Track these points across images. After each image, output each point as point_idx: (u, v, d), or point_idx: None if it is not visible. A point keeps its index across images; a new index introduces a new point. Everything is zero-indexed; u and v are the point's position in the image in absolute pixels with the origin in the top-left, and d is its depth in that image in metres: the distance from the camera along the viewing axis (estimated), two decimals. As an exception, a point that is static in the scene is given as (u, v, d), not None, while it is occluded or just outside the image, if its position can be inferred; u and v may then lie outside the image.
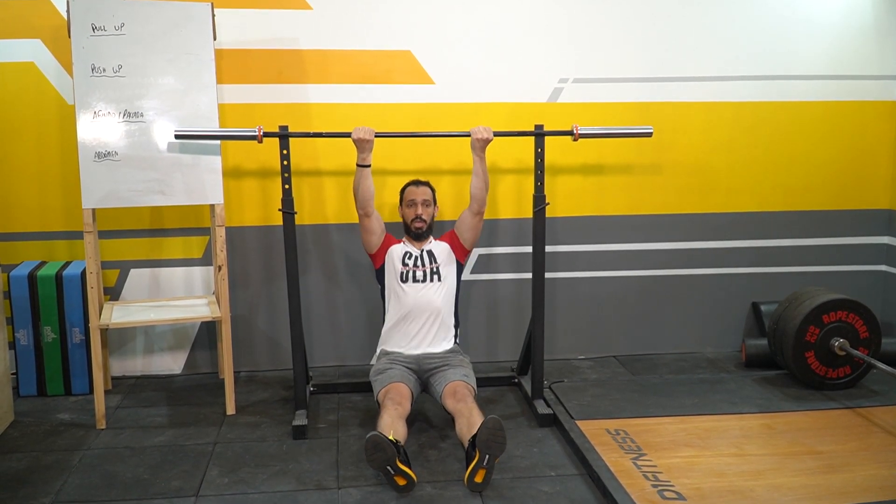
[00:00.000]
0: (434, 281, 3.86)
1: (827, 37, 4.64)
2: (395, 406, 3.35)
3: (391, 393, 3.46)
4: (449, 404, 3.43)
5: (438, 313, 3.83)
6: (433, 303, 3.82)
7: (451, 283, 3.92)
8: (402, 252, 3.91)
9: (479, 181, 3.82)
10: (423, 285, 3.84)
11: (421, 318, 3.81)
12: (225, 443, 3.56)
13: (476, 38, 4.39)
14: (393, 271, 3.88)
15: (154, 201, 3.79)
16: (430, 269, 3.87)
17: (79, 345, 4.10)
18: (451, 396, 3.45)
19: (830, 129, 4.74)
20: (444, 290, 3.87)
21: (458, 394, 3.44)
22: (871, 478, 3.13)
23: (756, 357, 4.52)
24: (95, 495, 3.07)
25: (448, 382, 3.54)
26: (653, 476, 3.14)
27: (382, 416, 3.30)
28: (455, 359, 3.76)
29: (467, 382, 3.54)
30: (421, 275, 3.85)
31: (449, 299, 3.89)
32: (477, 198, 3.85)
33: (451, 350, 3.84)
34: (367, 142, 3.67)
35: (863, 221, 4.87)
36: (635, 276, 4.73)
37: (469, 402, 3.39)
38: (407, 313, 3.82)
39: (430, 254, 3.91)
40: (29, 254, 4.26)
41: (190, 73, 3.78)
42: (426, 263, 3.88)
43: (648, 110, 4.53)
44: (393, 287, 3.88)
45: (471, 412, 3.30)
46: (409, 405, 3.44)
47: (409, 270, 3.86)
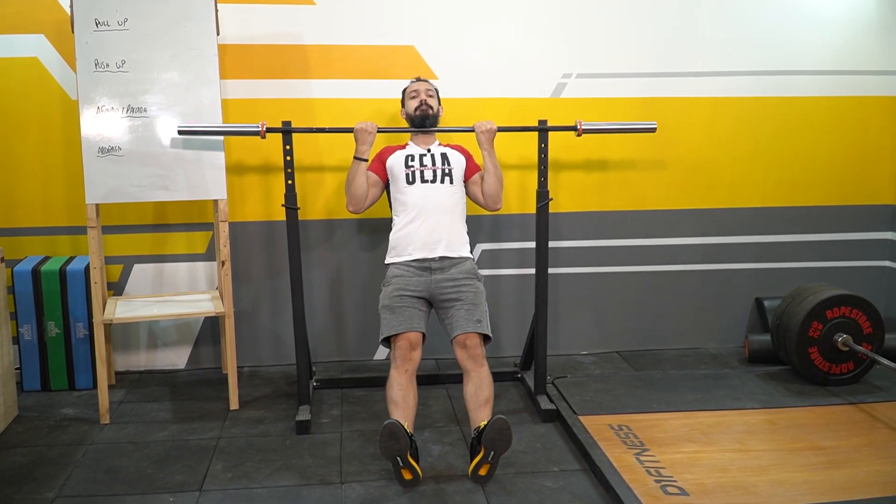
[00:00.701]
0: (445, 182, 3.65)
1: (830, 32, 4.63)
2: (406, 366, 3.28)
3: (401, 344, 3.33)
4: (461, 355, 3.35)
5: (451, 210, 3.62)
6: (445, 200, 3.61)
7: (463, 194, 3.73)
8: (404, 156, 3.70)
9: (491, 177, 3.71)
10: (434, 185, 3.63)
11: (431, 214, 3.58)
12: (228, 438, 3.57)
13: (479, 33, 4.38)
14: (398, 180, 3.67)
15: (157, 197, 3.79)
16: (442, 171, 3.66)
17: (82, 340, 4.11)
18: (462, 348, 3.35)
19: (834, 125, 4.73)
20: (458, 195, 3.68)
21: (469, 349, 3.34)
22: (874, 473, 3.12)
23: (759, 353, 4.51)
24: (99, 490, 3.08)
25: (460, 330, 3.39)
26: (656, 471, 3.14)
27: (391, 383, 3.25)
28: (470, 289, 3.53)
29: (479, 332, 3.40)
30: (430, 175, 3.64)
31: (462, 205, 3.70)
32: (492, 195, 3.73)
33: (466, 270, 3.58)
34: (368, 134, 3.64)
35: (866, 217, 4.86)
36: (638, 272, 4.73)
37: (479, 362, 3.32)
38: (415, 211, 3.59)
39: (444, 157, 3.72)
40: (33, 249, 4.27)
41: (193, 69, 3.78)
42: (437, 163, 3.68)
43: (652, 106, 4.52)
44: (399, 192, 3.67)
45: (480, 382, 3.27)
46: (419, 354, 3.34)
47: (414, 171, 3.64)
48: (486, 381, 3.30)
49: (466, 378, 3.33)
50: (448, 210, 3.63)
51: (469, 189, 3.80)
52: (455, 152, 3.80)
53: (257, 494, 3.04)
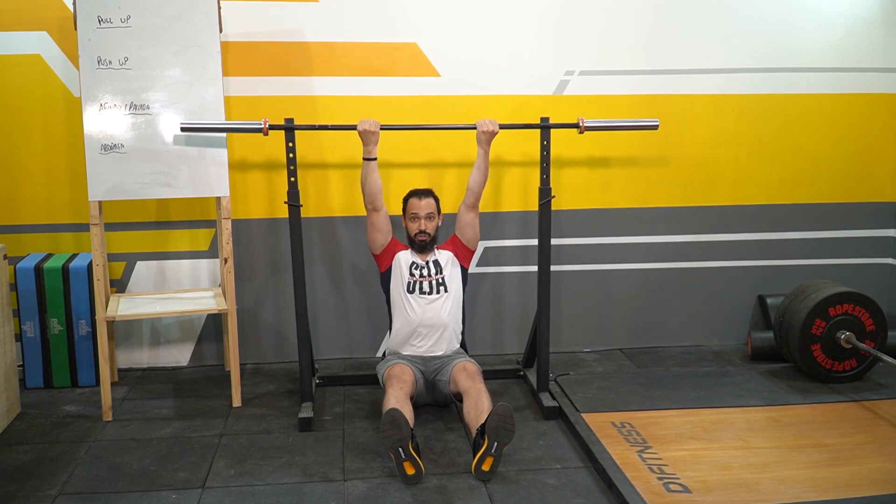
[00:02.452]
0: (440, 293, 3.85)
1: (833, 29, 4.62)
2: (401, 385, 3.45)
3: (395, 373, 3.55)
4: (461, 378, 3.53)
5: (446, 327, 3.84)
6: (441, 318, 3.83)
7: (458, 291, 3.92)
8: (410, 261, 3.90)
9: (479, 174, 3.80)
10: (430, 299, 3.83)
11: (428, 332, 3.82)
12: (231, 435, 3.57)
13: (482, 31, 4.38)
14: (400, 280, 3.87)
15: (160, 194, 3.79)
16: (437, 281, 3.86)
17: (85, 337, 4.11)
18: (462, 372, 3.56)
19: (837, 122, 4.72)
20: (451, 302, 3.87)
21: (468, 370, 3.56)
22: (877, 471, 3.12)
23: (762, 350, 4.51)
24: (102, 487, 3.08)
25: (457, 363, 3.66)
26: (658, 469, 3.14)
27: (388, 396, 3.35)
28: (459, 355, 3.82)
29: (475, 364, 3.67)
30: (427, 286, 3.84)
31: (456, 309, 3.90)
32: (474, 191, 3.83)
33: (455, 351, 3.89)
34: (372, 134, 3.66)
35: (869, 214, 4.86)
36: (641, 269, 4.73)
37: (478, 381, 3.49)
38: (414, 329, 3.82)
39: (436, 264, 3.91)
40: (35, 246, 4.27)
41: (196, 66, 3.78)
42: (432, 274, 3.87)
43: (654, 103, 4.52)
44: (399, 297, 3.87)
45: (479, 395, 3.37)
46: (412, 388, 3.53)
47: (416, 281, 3.85)
48: (485, 395, 3.40)
49: (466, 397, 3.43)
50: (444, 326, 3.84)
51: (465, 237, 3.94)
52: (443, 253, 3.98)
53: (260, 491, 3.04)
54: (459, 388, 3.51)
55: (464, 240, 3.93)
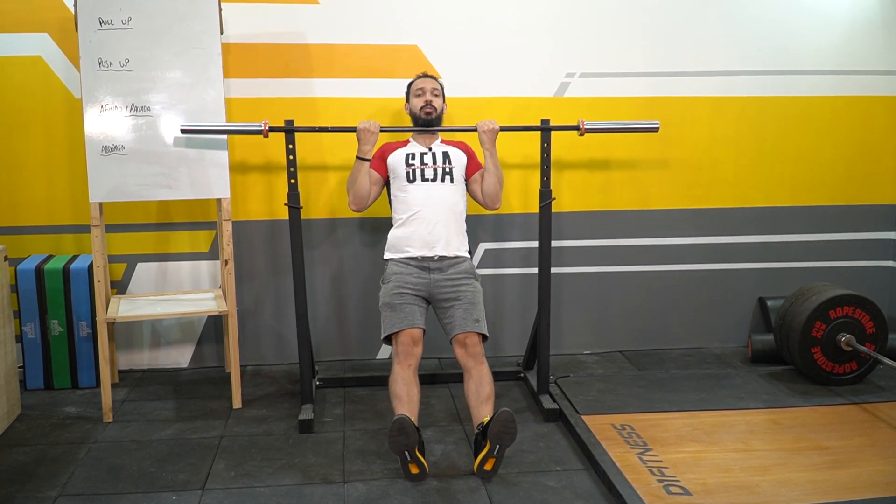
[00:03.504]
0: (446, 181, 3.68)
1: (834, 31, 4.62)
2: (409, 361, 3.33)
3: (402, 340, 3.37)
4: (460, 354, 3.40)
5: (450, 210, 3.64)
6: (445, 200, 3.63)
7: (464, 192, 3.77)
8: (405, 154, 3.73)
9: (492, 177, 3.73)
10: (434, 184, 3.66)
11: (431, 213, 3.60)
12: (231, 436, 3.57)
13: (483, 33, 4.38)
14: (399, 178, 3.70)
15: (161, 195, 3.79)
16: (443, 169, 3.69)
17: (86, 338, 4.11)
18: (462, 346, 3.40)
19: (837, 125, 4.73)
20: (458, 195, 3.71)
21: (469, 347, 3.40)
22: (877, 473, 3.12)
23: (762, 352, 4.51)
24: (102, 488, 3.08)
25: (459, 330, 3.43)
26: (658, 471, 3.14)
27: (395, 378, 3.29)
28: (468, 289, 3.55)
29: (478, 331, 3.44)
30: (431, 173, 3.67)
31: (462, 204, 3.73)
32: (491, 195, 3.75)
33: (464, 270, 3.60)
34: (371, 134, 3.64)
35: (870, 217, 4.86)
36: (641, 272, 4.73)
37: (479, 360, 3.37)
38: (415, 210, 3.62)
39: (445, 155, 3.74)
40: (36, 247, 4.28)
41: (197, 67, 3.78)
42: (438, 162, 3.71)
43: (655, 105, 4.52)
44: (399, 190, 3.69)
45: (480, 379, 3.31)
46: (420, 349, 3.39)
47: (415, 169, 3.67)
48: (487, 378, 3.33)
49: (467, 377, 3.36)
50: (448, 209, 3.65)
51: (469, 187, 3.83)
52: (456, 150, 3.82)
53: (260, 493, 3.04)
54: (459, 362, 3.40)
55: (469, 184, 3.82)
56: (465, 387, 3.34)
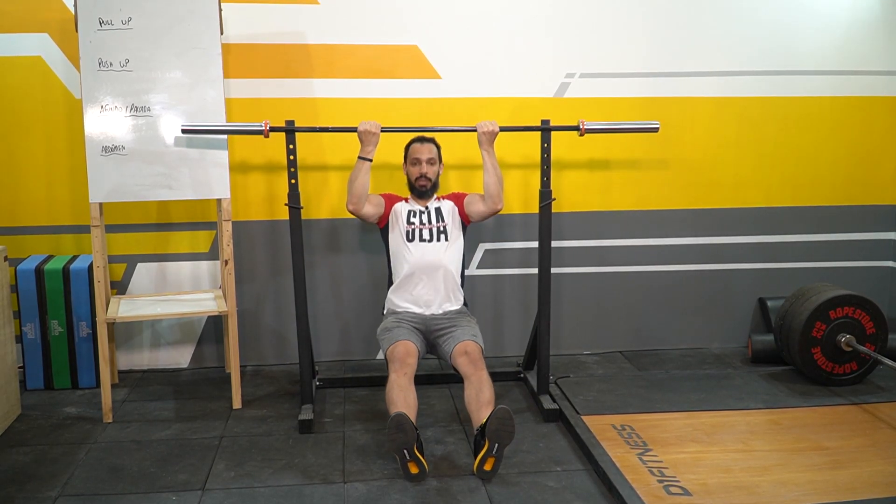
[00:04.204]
0: (441, 240, 3.80)
1: (834, 32, 4.62)
2: (404, 369, 3.37)
3: (397, 351, 3.46)
4: (461, 363, 3.46)
5: (446, 272, 3.76)
6: (441, 261, 3.75)
7: (459, 244, 3.86)
8: (407, 210, 3.85)
9: (491, 177, 3.77)
10: (430, 245, 3.78)
11: (428, 278, 3.75)
12: (231, 437, 3.57)
13: (483, 33, 4.38)
14: (398, 231, 3.82)
15: (161, 196, 3.79)
16: (438, 228, 3.82)
17: (86, 338, 4.11)
18: (463, 355, 3.47)
19: (838, 125, 4.73)
20: (452, 250, 3.81)
21: (469, 354, 3.47)
22: (877, 474, 3.12)
23: (762, 353, 4.51)
24: (102, 488, 3.08)
25: (458, 342, 3.54)
26: (658, 471, 3.14)
27: (391, 383, 3.32)
28: (462, 319, 3.73)
29: (477, 342, 3.56)
30: (427, 234, 3.80)
31: (457, 259, 3.84)
32: (493, 194, 3.78)
33: (458, 311, 3.80)
34: (372, 135, 3.66)
35: (870, 217, 4.86)
36: (641, 272, 4.73)
37: (480, 367, 3.42)
38: (413, 273, 3.75)
39: (438, 211, 3.86)
40: (36, 247, 4.28)
41: (197, 68, 3.78)
42: (433, 221, 3.83)
43: (655, 105, 4.52)
44: (398, 247, 3.81)
45: (480, 384, 3.34)
46: (415, 362, 3.46)
47: (414, 229, 3.80)
48: (487, 384, 3.35)
49: (467, 383, 3.39)
50: (444, 269, 3.78)
51: (470, 209, 3.90)
52: (446, 203, 3.94)
53: (260, 493, 3.04)
54: (460, 371, 3.46)
55: (467, 211, 3.90)
56: (466, 393, 3.37)
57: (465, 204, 3.91)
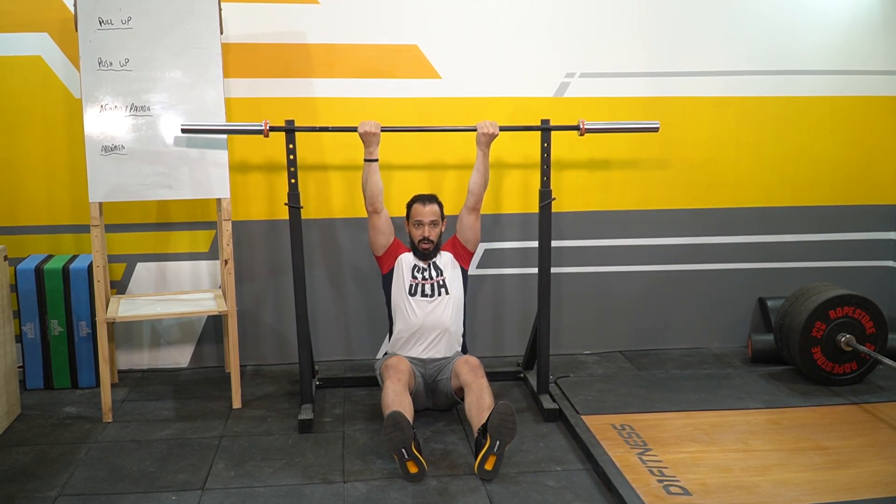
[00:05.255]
0: (441, 295, 3.85)
1: (834, 31, 4.62)
2: (399, 375, 3.45)
3: (392, 363, 3.56)
4: (462, 371, 3.52)
5: (447, 331, 3.83)
6: (442, 321, 3.81)
7: (458, 293, 3.91)
8: (412, 264, 3.90)
9: (479, 176, 3.80)
10: (431, 301, 3.83)
11: (430, 335, 3.81)
12: (231, 436, 3.57)
13: (483, 33, 4.38)
14: (402, 282, 3.87)
15: (161, 195, 3.79)
16: (437, 283, 3.86)
17: (85, 338, 4.11)
18: (465, 365, 3.55)
19: (838, 125, 4.73)
20: (452, 304, 3.86)
21: (470, 363, 3.56)
22: (877, 473, 3.12)
23: (762, 352, 4.51)
24: (102, 488, 3.08)
25: (459, 357, 3.69)
26: (658, 471, 3.13)
27: (386, 388, 3.37)
28: (458, 356, 3.80)
29: (477, 359, 3.65)
30: (429, 289, 3.84)
31: (457, 312, 3.90)
32: (475, 193, 3.83)
33: (456, 353, 3.88)
34: (373, 135, 3.67)
35: (870, 217, 4.86)
36: (641, 272, 4.73)
37: (480, 375, 3.48)
38: (415, 331, 3.81)
39: (435, 266, 3.91)
40: (36, 247, 4.28)
41: (197, 67, 3.78)
42: (433, 276, 3.87)
43: (655, 105, 4.52)
44: (401, 300, 3.86)
45: (481, 391, 3.38)
46: (410, 378, 3.55)
47: (418, 284, 3.85)
48: (487, 391, 3.40)
49: (468, 391, 3.44)
50: (444, 328, 3.82)
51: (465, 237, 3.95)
52: (443, 255, 3.97)
53: (260, 493, 3.04)
54: (461, 381, 3.50)
55: (463, 240, 3.94)
56: (466, 401, 3.41)
57: (462, 242, 3.95)
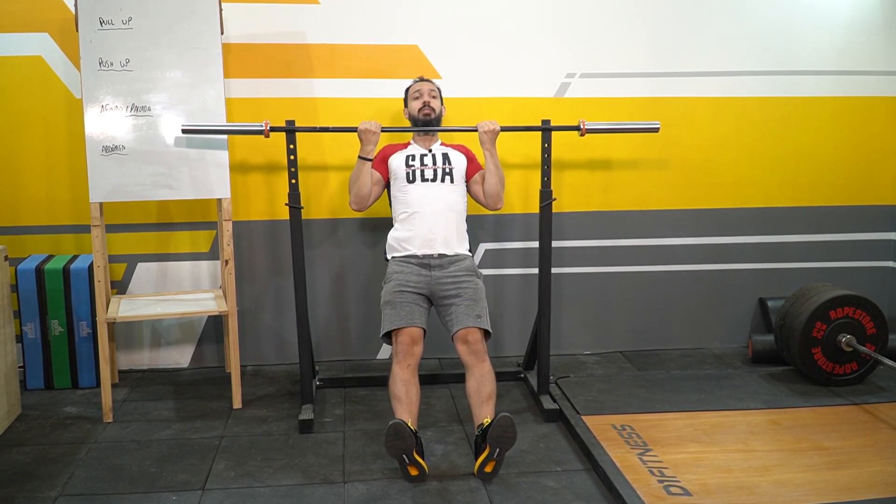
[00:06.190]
0: (446, 181, 3.71)
1: (835, 32, 4.62)
2: (408, 361, 3.31)
3: (402, 339, 3.36)
4: (462, 351, 3.38)
5: (450, 209, 3.66)
6: (444, 198, 3.66)
7: (463, 193, 3.79)
8: (405, 156, 3.77)
9: (493, 177, 3.74)
10: (434, 185, 3.69)
11: (431, 212, 3.64)
12: (231, 436, 3.57)
13: (483, 33, 4.38)
14: (398, 179, 3.74)
15: (161, 195, 3.79)
16: (443, 170, 3.72)
17: (86, 338, 4.11)
18: (464, 343, 3.38)
19: (838, 125, 4.72)
20: (458, 194, 3.74)
21: (470, 344, 3.37)
22: (877, 474, 3.12)
23: (763, 353, 4.51)
24: (102, 488, 3.08)
25: (461, 327, 3.41)
26: (658, 472, 3.13)
27: (394, 378, 3.28)
28: (469, 286, 3.55)
29: (481, 327, 3.42)
30: (430, 174, 3.71)
31: (462, 203, 3.76)
32: (493, 195, 3.76)
33: (465, 268, 3.61)
34: (373, 134, 3.65)
35: (870, 218, 4.86)
36: (642, 272, 4.73)
37: (481, 357, 3.35)
38: (415, 209, 3.65)
39: (446, 157, 3.78)
40: (36, 247, 4.28)
41: (197, 68, 3.78)
42: (437, 163, 3.75)
43: (655, 105, 4.52)
44: (399, 190, 3.73)
45: (482, 377, 3.30)
46: (419, 350, 3.37)
47: (414, 170, 3.71)
48: (489, 377, 3.32)
49: (468, 374, 3.35)
50: (447, 208, 3.68)
51: (471, 188, 3.85)
52: (456, 152, 3.85)
53: (260, 493, 3.04)
54: (462, 359, 3.39)
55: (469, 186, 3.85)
56: (467, 384, 3.33)
57: (471, 181, 3.85)
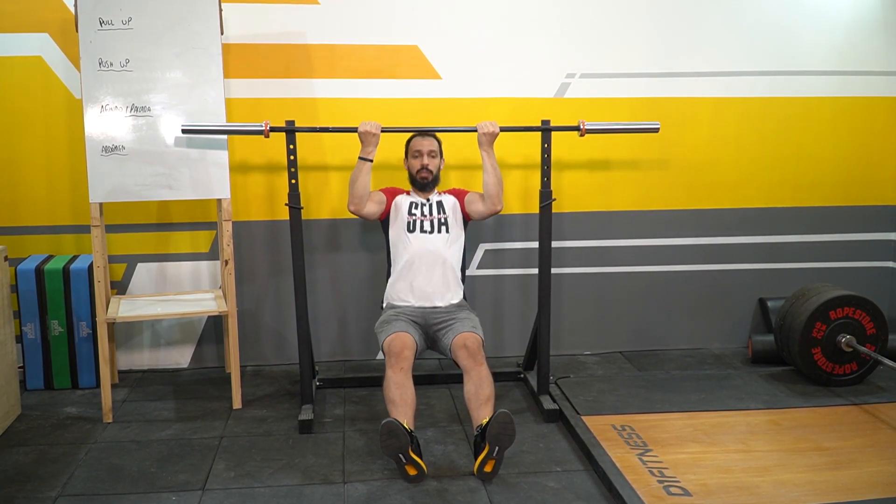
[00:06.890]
0: (442, 232, 3.79)
1: (835, 32, 4.62)
2: (401, 364, 3.33)
3: (394, 344, 3.41)
4: (461, 355, 3.42)
5: (445, 262, 3.74)
6: (440, 252, 3.74)
7: (460, 238, 3.86)
8: (409, 202, 3.85)
9: (490, 177, 3.76)
10: (431, 236, 3.77)
11: (427, 267, 3.72)
12: (231, 437, 3.57)
13: (483, 33, 4.38)
14: (399, 221, 3.81)
15: (161, 196, 3.79)
16: (438, 220, 3.81)
17: (86, 338, 4.11)
18: (463, 348, 3.43)
19: (838, 126, 4.73)
20: (452, 242, 3.81)
21: (469, 348, 3.41)
22: (877, 474, 3.12)
23: (762, 353, 4.51)
24: (102, 488, 3.08)
25: (457, 333, 3.50)
26: (658, 472, 3.13)
27: (388, 380, 3.30)
28: (461, 312, 3.69)
29: (477, 334, 3.51)
30: (428, 225, 3.79)
31: (457, 251, 3.84)
32: (492, 195, 3.78)
33: (457, 304, 3.76)
34: (372, 136, 3.66)
35: (870, 218, 4.86)
36: (642, 272, 4.73)
37: (479, 360, 3.39)
38: (412, 262, 3.73)
39: (440, 205, 3.86)
40: (36, 247, 4.28)
41: (197, 68, 3.78)
42: (434, 213, 3.83)
43: (655, 106, 4.52)
44: (399, 237, 3.80)
45: (480, 380, 3.31)
46: (412, 355, 3.41)
47: (415, 220, 3.79)
48: (487, 380, 3.33)
49: (466, 377, 3.37)
50: (443, 260, 3.76)
51: (470, 208, 3.90)
52: (448, 197, 3.94)
53: (260, 493, 3.04)
54: (460, 364, 3.43)
55: (468, 209, 3.90)
56: (465, 388, 3.35)
57: (466, 203, 3.91)
